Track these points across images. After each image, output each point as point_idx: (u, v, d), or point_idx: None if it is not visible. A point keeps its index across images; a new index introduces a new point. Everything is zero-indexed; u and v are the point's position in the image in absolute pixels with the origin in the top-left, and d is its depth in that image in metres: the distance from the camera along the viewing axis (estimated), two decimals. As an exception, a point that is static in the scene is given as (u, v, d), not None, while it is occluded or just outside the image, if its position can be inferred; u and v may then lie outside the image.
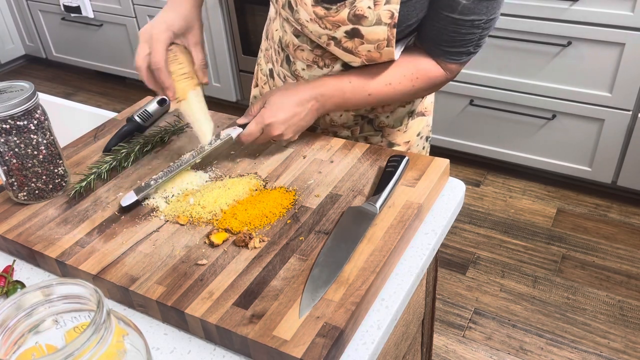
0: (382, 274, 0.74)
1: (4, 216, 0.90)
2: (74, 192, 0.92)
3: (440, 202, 0.91)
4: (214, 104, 3.10)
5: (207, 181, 0.94)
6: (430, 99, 1.16)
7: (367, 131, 1.11)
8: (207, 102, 0.98)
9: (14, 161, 0.87)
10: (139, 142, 1.03)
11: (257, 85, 1.23)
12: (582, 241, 2.16)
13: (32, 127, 0.86)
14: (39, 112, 0.87)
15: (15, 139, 0.85)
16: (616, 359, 1.72)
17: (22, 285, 0.79)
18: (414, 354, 1.04)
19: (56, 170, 0.92)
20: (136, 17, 3.12)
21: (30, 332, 0.55)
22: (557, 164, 2.34)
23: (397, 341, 0.88)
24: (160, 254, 0.79)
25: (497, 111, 2.34)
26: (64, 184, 0.94)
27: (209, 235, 0.81)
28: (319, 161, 0.97)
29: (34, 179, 0.90)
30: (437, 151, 2.54)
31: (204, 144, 0.94)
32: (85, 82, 3.70)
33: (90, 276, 0.77)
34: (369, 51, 0.92)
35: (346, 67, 1.00)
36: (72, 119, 1.25)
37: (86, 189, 0.94)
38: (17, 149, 0.86)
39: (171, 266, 0.77)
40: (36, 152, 0.88)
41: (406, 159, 0.90)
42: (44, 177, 0.91)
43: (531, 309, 1.90)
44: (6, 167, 0.88)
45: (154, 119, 1.12)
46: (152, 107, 1.12)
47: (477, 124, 2.43)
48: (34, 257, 0.84)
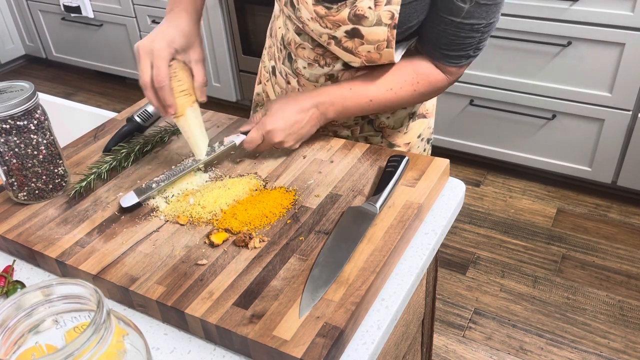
0: (382, 274, 0.74)
1: (4, 216, 0.90)
2: (74, 192, 0.92)
3: (440, 202, 0.91)
4: (214, 104, 3.10)
5: (207, 181, 0.94)
6: (432, 101, 1.16)
7: (367, 131, 1.11)
8: (208, 102, 0.97)
9: (14, 161, 0.87)
10: (139, 142, 1.03)
11: (260, 82, 1.23)
12: (582, 241, 2.16)
13: (32, 127, 0.86)
14: (39, 112, 0.87)
15: (15, 139, 0.85)
16: (616, 359, 1.72)
17: (22, 285, 0.79)
18: (414, 354, 1.04)
19: (56, 170, 0.92)
20: (136, 17, 3.12)
21: (30, 332, 0.55)
22: (557, 164, 2.34)
23: (397, 341, 0.88)
24: (160, 254, 0.79)
25: (497, 111, 2.34)
26: (64, 184, 0.94)
27: (209, 235, 0.81)
28: (319, 161, 0.97)
29: (34, 179, 0.90)
30: (437, 151, 2.54)
31: (198, 159, 0.94)
32: (85, 82, 3.70)
33: (90, 276, 0.77)
34: (368, 52, 0.92)
35: (347, 67, 1.00)
36: (72, 119, 1.25)
37: (86, 189, 0.94)
38: (17, 149, 0.86)
39: (171, 266, 0.77)
40: (36, 152, 0.88)
41: (406, 159, 0.90)
42: (44, 177, 0.91)
43: (531, 309, 1.90)
44: (6, 167, 0.88)
45: (154, 119, 1.12)
46: (152, 107, 1.12)
47: (477, 124, 2.43)
48: (34, 257, 0.84)
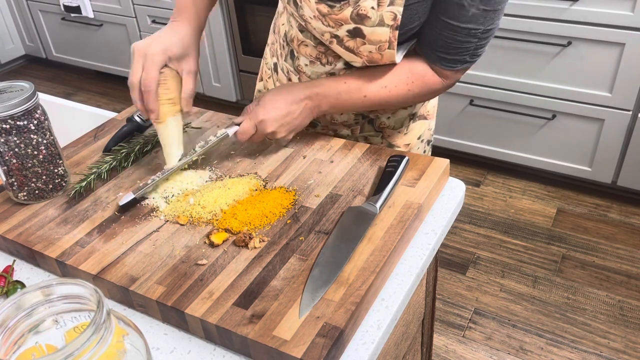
0: (382, 274, 0.74)
1: (4, 216, 0.90)
2: (74, 192, 0.92)
3: (440, 202, 0.91)
4: (214, 104, 3.10)
5: (207, 181, 0.94)
6: (433, 102, 1.16)
7: (368, 131, 1.11)
8: (208, 102, 0.98)
9: (14, 161, 0.87)
10: (139, 142, 1.03)
11: (261, 79, 1.23)
12: (582, 241, 2.16)
13: (32, 127, 0.86)
14: (39, 112, 0.87)
15: (15, 139, 0.85)
16: (616, 359, 1.72)
17: (22, 285, 0.79)
18: (414, 354, 1.04)
19: (56, 170, 0.92)
20: (136, 17, 3.12)
21: (30, 332, 0.55)
22: (557, 164, 2.34)
23: (397, 341, 0.88)
24: (160, 254, 0.79)
25: (497, 111, 2.34)
26: (64, 184, 0.94)
27: (209, 235, 0.81)
28: (319, 161, 0.97)
29: (34, 179, 0.90)
30: (437, 151, 2.54)
31: (167, 167, 0.94)
32: (85, 82, 3.70)
33: (90, 276, 0.77)
34: (370, 52, 0.92)
35: (348, 66, 1.00)
36: (72, 119, 1.25)
37: (86, 189, 0.94)
38: (17, 149, 0.86)
39: (171, 266, 0.77)
40: (36, 152, 0.88)
41: (406, 159, 0.90)
42: (44, 177, 0.91)
43: (531, 309, 1.90)
44: (6, 167, 0.88)
45: (154, 119, 1.12)
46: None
47: (477, 124, 2.43)
48: (34, 257, 0.84)
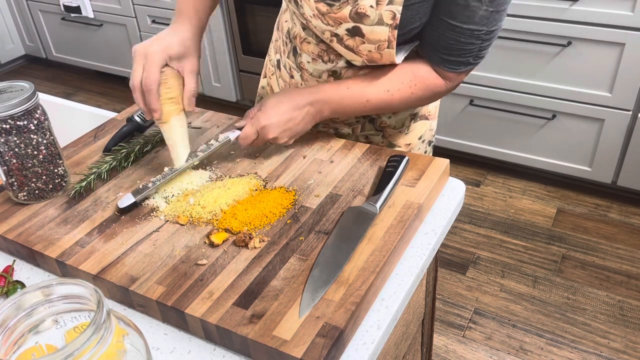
0: (382, 274, 0.74)
1: (4, 216, 0.90)
2: (74, 192, 0.92)
3: (440, 202, 0.91)
4: (214, 104, 3.10)
5: (207, 181, 0.94)
6: (435, 103, 1.16)
7: (368, 130, 1.11)
8: (208, 102, 0.98)
9: (14, 161, 0.87)
10: (139, 142, 1.03)
11: (265, 76, 1.23)
12: (582, 241, 2.16)
13: (32, 127, 0.86)
14: (39, 112, 0.87)
15: (15, 139, 0.85)
16: (616, 359, 1.72)
17: (22, 285, 0.79)
18: (414, 354, 1.04)
19: (56, 170, 0.92)
20: (136, 17, 3.12)
21: (30, 332, 0.55)
22: (557, 164, 2.34)
23: (397, 341, 0.88)
24: (160, 254, 0.79)
25: (497, 111, 2.34)
26: (64, 184, 0.94)
27: (209, 235, 0.81)
28: (319, 161, 0.97)
29: (34, 179, 0.90)
30: (437, 151, 2.53)
31: (176, 168, 0.93)
32: (85, 82, 3.70)
33: (90, 276, 0.77)
34: (369, 51, 0.92)
35: (350, 64, 1.00)
36: (72, 119, 1.25)
37: (86, 189, 0.94)
38: (17, 149, 0.86)
39: (171, 266, 0.77)
40: (36, 152, 0.88)
41: (406, 159, 0.90)
42: (44, 177, 0.91)
43: (531, 309, 1.90)
44: (6, 167, 0.88)
45: (154, 119, 1.12)
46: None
47: (477, 124, 2.43)
48: (34, 257, 0.84)
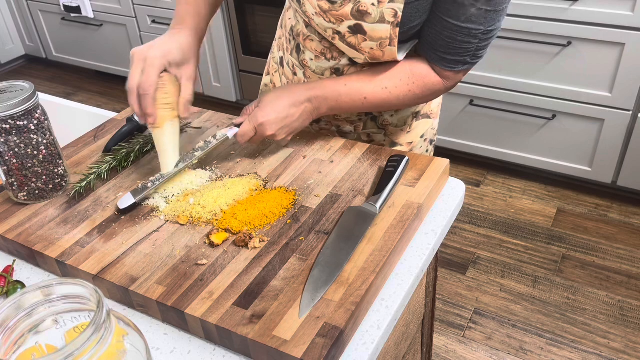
0: (382, 274, 0.74)
1: (4, 216, 0.90)
2: (74, 192, 0.92)
3: (440, 202, 0.91)
4: (214, 104, 3.10)
5: (207, 181, 0.94)
6: (437, 101, 1.16)
7: (371, 128, 1.11)
8: (208, 102, 0.98)
9: (14, 161, 0.87)
10: (139, 142, 1.03)
11: (268, 73, 1.23)
12: (582, 241, 2.16)
13: (32, 127, 0.86)
14: (39, 112, 0.87)
15: (15, 139, 0.85)
16: (616, 359, 1.72)
17: (22, 285, 0.79)
18: (414, 354, 1.04)
19: (56, 170, 0.92)
20: (136, 17, 3.12)
21: (30, 332, 0.55)
22: (557, 164, 2.34)
23: (397, 341, 0.88)
24: (160, 254, 0.79)
25: (497, 111, 2.34)
26: (64, 184, 0.94)
27: (209, 235, 0.81)
28: (319, 161, 0.97)
29: (34, 179, 0.90)
30: (437, 151, 2.53)
31: (163, 173, 0.93)
32: (85, 82, 3.70)
33: (90, 276, 0.77)
34: (371, 49, 0.92)
35: (352, 62, 1.00)
36: (72, 119, 1.25)
37: (86, 189, 0.94)
38: (17, 149, 0.86)
39: (171, 266, 0.77)
40: (36, 152, 0.88)
41: (406, 159, 0.90)
42: (44, 177, 0.91)
43: (531, 309, 1.90)
44: (6, 167, 0.88)
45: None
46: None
47: (477, 124, 2.43)
48: (34, 257, 0.84)
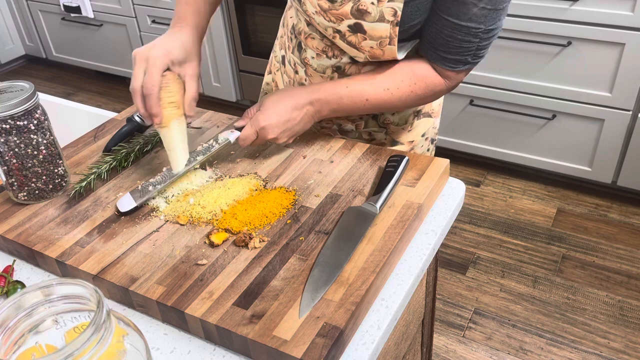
0: (382, 274, 0.74)
1: (4, 216, 0.90)
2: (74, 192, 0.92)
3: (440, 202, 0.91)
4: (214, 104, 3.10)
5: (207, 181, 0.94)
6: (438, 100, 1.16)
7: (372, 127, 1.11)
8: (208, 102, 0.98)
9: (14, 161, 0.87)
10: (139, 142, 1.03)
11: (270, 72, 1.23)
12: (582, 241, 2.16)
13: (32, 127, 0.86)
14: (39, 112, 0.87)
15: (15, 139, 0.85)
16: (616, 359, 1.72)
17: (22, 285, 0.79)
18: (414, 354, 1.04)
19: (56, 170, 0.92)
20: (136, 17, 3.12)
21: (30, 332, 0.55)
22: (557, 164, 2.34)
23: (397, 341, 0.88)
24: (160, 254, 0.79)
25: (497, 111, 2.34)
26: (64, 184, 0.94)
27: (209, 235, 0.81)
28: (319, 161, 0.97)
29: (34, 179, 0.90)
30: (437, 151, 2.52)
31: (174, 172, 0.92)
32: (85, 82, 3.70)
33: (90, 276, 0.77)
34: (371, 47, 0.92)
35: (354, 60, 1.00)
36: (72, 119, 1.25)
37: (86, 189, 0.94)
38: (17, 149, 0.86)
39: (171, 266, 0.77)
40: (36, 152, 0.88)
41: (406, 159, 0.90)
42: (44, 177, 0.91)
43: (531, 309, 1.90)
44: (6, 167, 0.88)
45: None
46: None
47: (477, 124, 2.43)
48: (34, 257, 0.84)
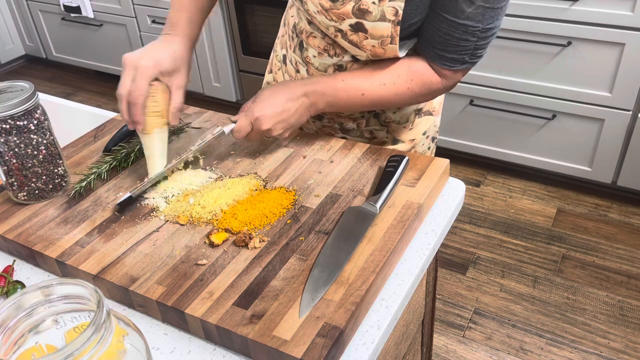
0: (382, 274, 0.74)
1: (4, 216, 0.90)
2: (74, 192, 0.92)
3: (440, 202, 0.91)
4: (214, 104, 3.10)
5: (207, 181, 0.94)
6: (439, 99, 1.16)
7: (373, 125, 1.11)
8: (208, 102, 0.98)
9: (14, 161, 0.87)
10: (139, 142, 1.03)
11: (271, 71, 1.23)
12: (582, 241, 2.16)
13: (32, 127, 0.86)
14: (39, 112, 0.87)
15: (15, 139, 0.85)
16: (616, 359, 1.72)
17: (22, 285, 0.79)
18: (414, 354, 1.04)
19: (56, 170, 0.92)
20: (136, 17, 3.12)
21: (30, 332, 0.55)
22: (557, 164, 2.34)
23: (397, 341, 0.88)
24: (160, 254, 0.79)
25: (497, 111, 2.34)
26: (64, 184, 0.94)
27: (209, 235, 0.81)
28: (319, 161, 0.97)
29: (34, 179, 0.90)
30: (437, 151, 2.52)
31: (149, 177, 0.93)
32: (85, 82, 3.70)
33: (90, 276, 0.77)
34: (373, 46, 0.92)
35: (355, 59, 1.00)
36: (72, 119, 1.25)
37: (86, 189, 0.94)
38: (17, 149, 0.86)
39: (171, 266, 0.77)
40: (36, 152, 0.88)
41: (406, 159, 0.90)
42: (44, 177, 0.91)
43: (531, 309, 1.90)
44: (6, 167, 0.88)
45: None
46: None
47: (477, 124, 2.43)
48: (34, 257, 0.84)
